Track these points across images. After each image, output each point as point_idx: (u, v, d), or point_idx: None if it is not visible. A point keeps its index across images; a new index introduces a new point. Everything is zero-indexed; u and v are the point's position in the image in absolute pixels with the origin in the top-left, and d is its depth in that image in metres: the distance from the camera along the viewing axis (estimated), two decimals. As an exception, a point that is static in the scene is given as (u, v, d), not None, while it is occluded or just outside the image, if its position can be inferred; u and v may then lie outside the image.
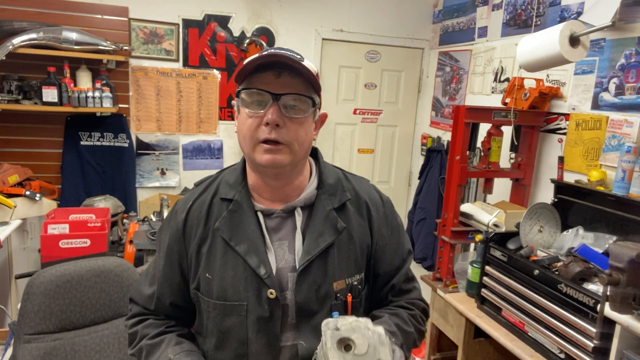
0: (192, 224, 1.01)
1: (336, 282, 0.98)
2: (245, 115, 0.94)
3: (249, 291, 0.95)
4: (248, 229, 0.97)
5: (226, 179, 1.05)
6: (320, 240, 0.97)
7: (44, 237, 2.10)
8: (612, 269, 1.43)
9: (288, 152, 0.93)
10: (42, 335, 1.52)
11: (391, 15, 3.62)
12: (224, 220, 0.98)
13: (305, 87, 0.93)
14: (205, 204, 1.02)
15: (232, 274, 0.96)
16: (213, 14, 3.26)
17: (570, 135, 2.36)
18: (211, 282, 0.97)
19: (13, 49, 2.65)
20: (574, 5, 2.37)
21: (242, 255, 0.96)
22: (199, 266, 0.99)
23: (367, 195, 1.08)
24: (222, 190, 1.03)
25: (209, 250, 0.99)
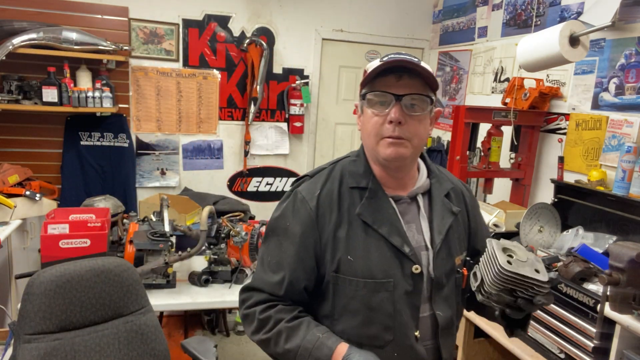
0: (324, 211, 1.08)
1: (456, 258, 1.12)
2: (370, 114, 1.04)
3: (394, 268, 1.05)
4: (387, 212, 1.07)
5: (350, 169, 1.12)
6: (444, 222, 1.11)
7: (44, 237, 2.09)
8: (612, 269, 1.43)
9: (409, 145, 1.03)
10: (42, 335, 1.52)
11: (391, 15, 3.62)
12: (364, 206, 1.07)
13: (423, 86, 1.03)
14: (334, 192, 1.10)
15: (376, 254, 1.05)
16: (213, 14, 3.26)
17: (570, 135, 2.36)
18: (353, 263, 1.05)
19: (13, 49, 2.65)
20: (574, 5, 2.37)
21: (385, 236, 1.05)
22: (337, 249, 1.06)
23: (458, 183, 1.23)
24: (350, 180, 1.11)
25: (347, 235, 1.06)
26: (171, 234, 2.24)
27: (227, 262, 2.38)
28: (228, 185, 3.54)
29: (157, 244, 2.17)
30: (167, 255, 2.16)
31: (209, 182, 3.48)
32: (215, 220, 2.40)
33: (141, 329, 1.69)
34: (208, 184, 3.48)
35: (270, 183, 3.64)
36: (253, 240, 2.32)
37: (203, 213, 2.23)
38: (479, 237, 1.22)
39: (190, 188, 3.42)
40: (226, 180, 3.53)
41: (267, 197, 3.65)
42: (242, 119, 3.46)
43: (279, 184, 3.66)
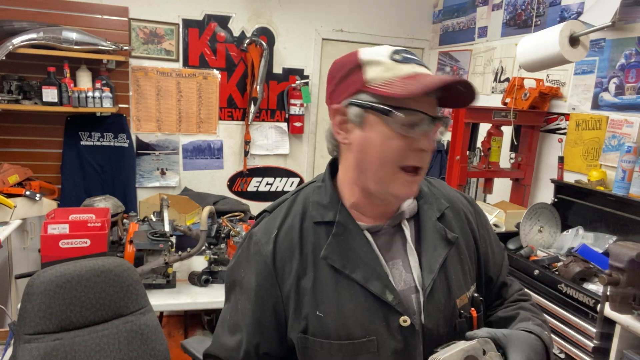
0: (283, 256, 0.86)
1: (459, 299, 0.87)
2: (390, 134, 0.78)
3: (375, 323, 0.82)
4: (360, 251, 0.84)
5: (314, 199, 0.90)
6: (436, 254, 0.87)
7: (44, 237, 2.09)
8: (612, 269, 1.43)
9: (421, 177, 0.84)
10: (42, 335, 1.52)
11: (391, 15, 3.62)
12: (331, 246, 0.84)
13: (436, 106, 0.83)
14: (295, 230, 0.87)
15: (351, 306, 0.82)
16: (213, 14, 3.26)
17: (570, 135, 2.36)
18: (324, 320, 0.83)
19: (13, 49, 2.65)
20: (574, 5, 2.37)
21: (360, 283, 0.83)
22: (303, 304, 0.84)
23: (457, 198, 0.99)
24: (313, 213, 0.88)
25: (314, 284, 0.84)
26: (171, 234, 2.24)
27: (227, 262, 2.38)
28: (228, 185, 3.54)
29: (157, 244, 2.17)
30: (167, 255, 2.16)
31: (209, 182, 3.48)
32: (215, 220, 2.40)
33: (141, 329, 1.69)
34: (208, 184, 3.48)
35: (270, 183, 3.64)
36: (253, 240, 2.31)
37: (203, 213, 2.23)
38: (491, 262, 0.99)
39: (190, 188, 3.42)
40: (226, 180, 3.53)
41: (267, 197, 3.65)
42: (242, 119, 3.46)
43: (279, 184, 3.66)
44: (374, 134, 0.80)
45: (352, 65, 0.82)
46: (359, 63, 0.81)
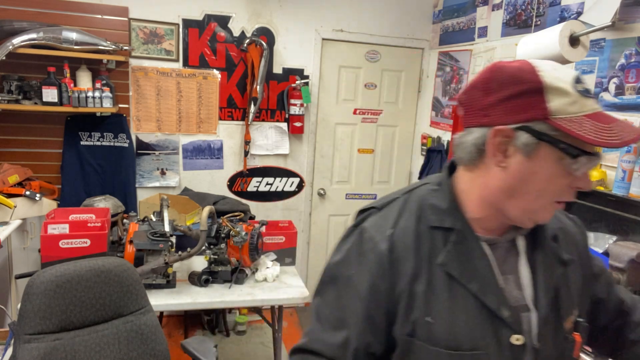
0: (399, 256, 0.84)
1: (565, 322, 0.85)
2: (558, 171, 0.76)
3: (486, 337, 0.81)
4: (478, 263, 0.83)
5: (430, 202, 0.87)
6: (553, 274, 0.85)
7: (44, 237, 2.09)
8: (612, 269, 1.43)
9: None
10: (42, 335, 1.52)
11: (391, 15, 3.62)
12: (450, 254, 0.83)
13: None
14: (410, 231, 0.85)
15: (463, 317, 0.81)
16: (213, 14, 3.26)
17: (570, 135, 2.35)
18: (433, 327, 0.82)
19: (13, 49, 2.65)
20: (574, 5, 2.37)
21: (476, 294, 0.81)
22: (413, 308, 0.82)
23: (564, 218, 0.96)
24: (430, 217, 0.86)
25: (427, 289, 0.82)
26: (171, 234, 2.24)
27: (227, 262, 2.38)
28: (228, 185, 3.54)
29: (157, 244, 2.17)
30: (167, 255, 2.16)
31: (209, 182, 3.49)
32: (215, 220, 2.40)
33: (141, 329, 1.69)
34: (208, 184, 3.48)
35: (270, 183, 3.64)
36: (253, 240, 2.32)
37: (203, 213, 2.24)
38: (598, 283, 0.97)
39: (190, 188, 3.42)
40: (226, 180, 3.53)
41: (267, 197, 3.65)
42: (242, 119, 3.46)
43: (279, 184, 3.66)
44: (542, 167, 0.76)
45: (531, 86, 0.74)
46: (540, 87, 0.74)
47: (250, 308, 3.29)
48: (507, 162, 0.78)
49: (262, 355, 3.18)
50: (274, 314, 2.55)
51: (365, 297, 0.84)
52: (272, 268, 2.48)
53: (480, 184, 0.83)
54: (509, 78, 0.76)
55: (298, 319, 3.71)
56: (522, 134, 0.75)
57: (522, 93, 0.75)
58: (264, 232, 2.52)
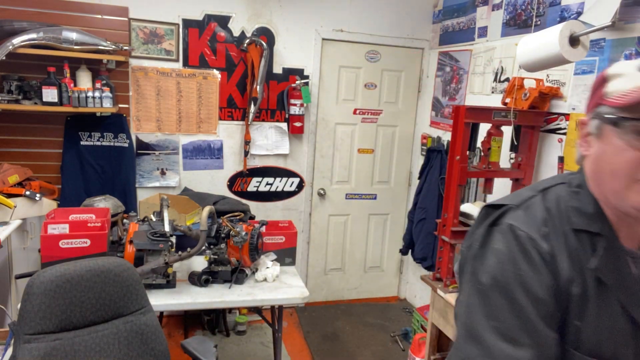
0: (558, 258, 0.81)
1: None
2: (622, 146, 0.76)
3: (628, 347, 0.80)
4: (625, 272, 0.81)
5: (572, 204, 0.84)
6: None
7: (44, 237, 2.09)
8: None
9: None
10: (42, 335, 1.52)
11: (391, 15, 3.62)
12: (603, 259, 0.80)
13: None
14: (559, 232, 0.82)
15: (608, 324, 0.80)
16: (213, 14, 3.26)
17: (571, 135, 2.36)
18: (580, 330, 0.80)
19: (13, 49, 2.65)
20: (574, 5, 2.37)
21: (625, 304, 0.80)
22: (568, 310, 0.81)
23: None
24: (575, 220, 0.83)
25: (581, 293, 0.80)
26: (171, 234, 2.24)
27: (227, 262, 2.39)
28: (228, 185, 3.54)
29: (157, 244, 2.17)
30: (167, 255, 2.16)
31: (209, 182, 3.49)
32: (215, 220, 2.40)
33: (141, 329, 1.69)
34: (208, 184, 3.48)
35: (270, 183, 3.64)
36: (253, 240, 2.32)
37: (203, 213, 2.24)
38: None
39: (190, 188, 3.42)
40: (226, 180, 3.53)
41: (267, 197, 3.65)
42: (242, 119, 3.46)
43: (279, 184, 3.66)
44: (608, 146, 0.79)
45: (600, 79, 0.82)
46: (605, 77, 0.82)
47: (250, 308, 3.29)
48: (589, 150, 0.83)
49: (262, 355, 3.18)
50: (274, 314, 2.55)
51: (541, 300, 0.78)
52: (272, 268, 2.49)
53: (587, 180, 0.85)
54: (595, 80, 0.85)
55: (298, 319, 3.71)
56: (593, 120, 0.82)
57: (595, 87, 0.83)
58: (264, 232, 2.52)
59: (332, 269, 3.96)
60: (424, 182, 3.42)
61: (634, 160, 0.76)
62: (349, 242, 3.95)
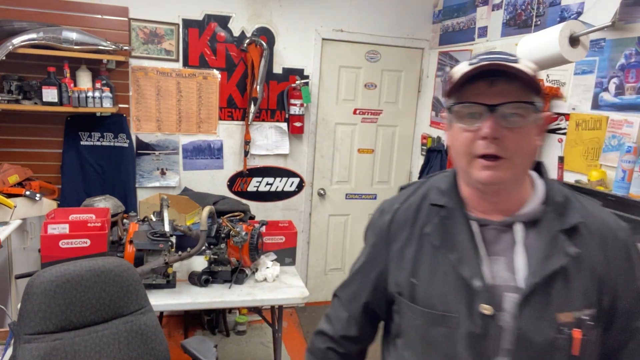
0: (397, 225, 1.00)
1: (561, 314, 0.86)
2: (459, 129, 0.88)
3: (459, 303, 0.89)
4: (460, 237, 0.91)
5: (437, 184, 1.00)
6: (548, 263, 0.86)
7: (44, 237, 2.09)
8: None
9: (509, 166, 0.85)
10: (42, 335, 1.52)
11: (391, 15, 3.62)
12: (435, 226, 0.95)
13: (524, 91, 0.84)
14: (413, 207, 1.00)
15: (440, 282, 0.91)
16: (213, 14, 3.26)
17: (570, 135, 2.36)
18: (416, 287, 0.94)
19: (13, 49, 2.65)
20: (574, 5, 2.37)
21: (453, 264, 0.90)
22: (402, 269, 0.97)
23: (604, 220, 0.93)
24: (432, 196, 0.99)
25: (415, 255, 0.96)
26: (171, 234, 2.24)
27: (227, 262, 2.38)
28: (228, 185, 3.54)
29: (157, 244, 2.17)
30: (167, 255, 2.16)
31: (209, 182, 3.49)
32: (215, 220, 2.40)
33: (141, 329, 1.69)
34: (208, 184, 3.48)
35: (270, 183, 3.64)
36: (253, 240, 2.32)
37: (203, 213, 2.24)
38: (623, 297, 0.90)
39: (190, 188, 3.42)
40: (226, 180, 3.53)
41: (267, 197, 3.65)
42: (242, 119, 3.46)
43: (279, 184, 3.66)
44: (453, 132, 0.91)
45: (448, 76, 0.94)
46: (450, 74, 0.92)
47: (250, 308, 3.29)
48: (450, 134, 0.94)
49: (262, 355, 3.18)
50: (274, 314, 2.55)
51: (367, 253, 1.06)
52: (272, 268, 2.48)
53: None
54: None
55: (298, 319, 3.71)
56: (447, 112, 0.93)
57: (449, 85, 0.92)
58: (264, 232, 2.52)
59: (332, 268, 3.96)
60: (424, 182, 3.42)
61: (466, 140, 0.87)
62: (349, 242, 3.95)
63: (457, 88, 0.87)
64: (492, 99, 0.83)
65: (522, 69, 0.82)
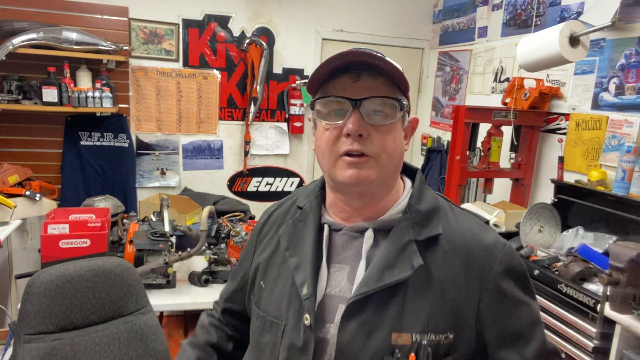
0: (267, 228, 0.97)
1: (397, 334, 0.75)
2: (323, 128, 0.81)
3: (290, 311, 0.82)
4: (306, 241, 0.85)
5: (309, 188, 0.96)
6: (387, 274, 0.77)
7: (44, 237, 2.09)
8: (612, 269, 1.43)
9: (375, 165, 0.78)
10: (42, 335, 1.52)
11: (391, 15, 3.62)
12: (287, 227, 0.91)
13: (390, 88, 0.79)
14: (284, 210, 0.97)
15: (281, 287, 0.86)
16: (213, 14, 3.26)
17: (570, 135, 2.36)
18: (263, 291, 0.90)
19: (13, 49, 2.65)
20: (574, 5, 2.37)
21: (291, 269, 0.85)
22: (258, 271, 0.94)
23: (475, 236, 0.82)
24: (299, 199, 0.95)
25: (269, 258, 0.92)
26: (171, 234, 2.24)
27: (227, 262, 2.38)
28: (228, 185, 3.54)
29: (157, 244, 2.17)
30: (167, 255, 2.16)
31: (209, 182, 3.48)
32: (215, 220, 2.40)
33: (141, 329, 1.69)
34: (208, 184, 3.48)
35: (270, 183, 3.64)
36: (253, 240, 2.31)
37: (203, 213, 2.23)
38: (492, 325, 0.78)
39: (190, 188, 3.42)
40: (226, 180, 3.53)
41: (267, 197, 3.65)
42: (242, 119, 3.46)
43: (279, 184, 3.66)
44: (317, 132, 0.84)
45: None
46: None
47: (250, 308, 3.29)
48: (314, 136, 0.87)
49: (262, 355, 3.18)
50: (274, 314, 2.54)
51: (242, 254, 1.05)
52: (272, 268, 2.48)
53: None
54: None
55: (298, 319, 3.70)
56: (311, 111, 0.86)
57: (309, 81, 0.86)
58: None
59: (332, 269, 3.96)
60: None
61: (330, 138, 0.80)
62: (349, 242, 3.95)
63: (320, 83, 0.81)
64: (356, 94, 0.77)
65: (389, 62, 0.76)
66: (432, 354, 0.75)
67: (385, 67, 0.76)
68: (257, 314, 0.89)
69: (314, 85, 0.82)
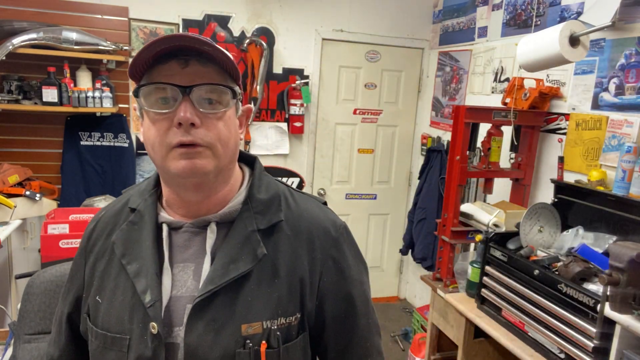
0: (96, 236, 0.87)
1: (247, 325, 0.75)
2: (151, 118, 0.74)
3: (133, 323, 0.76)
4: (144, 244, 0.79)
5: (141, 187, 0.88)
6: (232, 267, 0.76)
7: (44, 237, 2.09)
8: (612, 269, 1.43)
9: (210, 155, 0.74)
10: (42, 335, 1.52)
11: (391, 15, 3.62)
12: (121, 232, 0.82)
13: (221, 75, 0.75)
14: (113, 213, 0.87)
15: (120, 299, 0.79)
16: (213, 14, 3.26)
17: (570, 135, 2.36)
18: (99, 306, 0.81)
19: (13, 49, 2.65)
20: (574, 5, 2.37)
21: (131, 277, 0.78)
22: (92, 286, 0.83)
23: (314, 218, 0.85)
24: (132, 198, 0.86)
25: (104, 269, 0.83)
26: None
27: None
28: (228, 185, 3.54)
29: (157, 244, 2.17)
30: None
31: (209, 182, 3.48)
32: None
33: (141, 329, 1.69)
34: (208, 184, 3.48)
35: (270, 183, 3.64)
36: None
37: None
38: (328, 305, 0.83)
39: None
40: (226, 180, 3.53)
41: (267, 197, 3.65)
42: (242, 119, 3.46)
43: (279, 184, 3.66)
44: (145, 123, 0.77)
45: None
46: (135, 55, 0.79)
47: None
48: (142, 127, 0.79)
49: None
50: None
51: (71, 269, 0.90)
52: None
53: None
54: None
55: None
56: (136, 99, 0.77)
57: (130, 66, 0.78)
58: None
59: (332, 269, 3.96)
60: (424, 182, 3.42)
61: (161, 129, 0.73)
62: (349, 242, 3.95)
63: (144, 70, 0.74)
64: (185, 81, 0.72)
65: (218, 48, 0.73)
66: (283, 337, 0.77)
67: (214, 53, 0.72)
68: (96, 332, 0.80)
69: (137, 71, 0.75)
